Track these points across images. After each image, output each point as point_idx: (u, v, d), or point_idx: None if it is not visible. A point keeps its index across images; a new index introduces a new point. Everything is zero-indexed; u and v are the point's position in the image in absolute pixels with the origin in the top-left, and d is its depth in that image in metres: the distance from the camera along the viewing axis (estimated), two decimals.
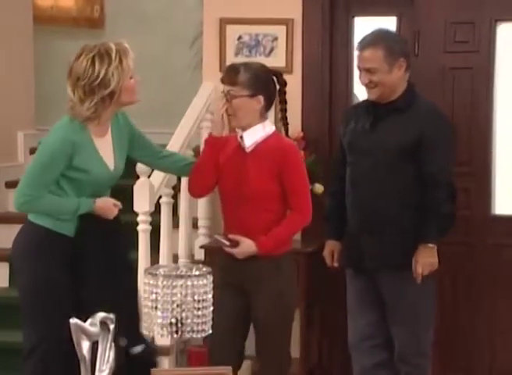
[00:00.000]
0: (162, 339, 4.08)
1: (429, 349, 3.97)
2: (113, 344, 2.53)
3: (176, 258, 4.63)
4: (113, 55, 3.46)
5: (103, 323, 2.54)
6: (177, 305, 2.67)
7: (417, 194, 3.86)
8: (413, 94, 3.89)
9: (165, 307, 2.67)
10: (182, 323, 2.66)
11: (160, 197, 4.42)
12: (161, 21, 6.77)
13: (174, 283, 2.68)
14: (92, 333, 2.49)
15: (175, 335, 2.66)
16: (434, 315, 3.98)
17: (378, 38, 3.84)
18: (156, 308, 2.69)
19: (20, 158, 6.01)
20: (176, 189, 4.68)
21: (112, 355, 2.52)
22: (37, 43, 6.27)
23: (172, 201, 4.51)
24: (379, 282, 3.91)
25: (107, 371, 2.50)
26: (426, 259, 3.82)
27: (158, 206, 4.41)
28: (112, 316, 2.57)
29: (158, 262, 4.28)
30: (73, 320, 2.49)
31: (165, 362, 4.33)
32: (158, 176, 4.36)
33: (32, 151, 6.03)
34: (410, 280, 3.84)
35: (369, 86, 3.84)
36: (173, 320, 2.66)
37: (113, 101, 3.50)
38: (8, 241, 5.39)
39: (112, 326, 2.55)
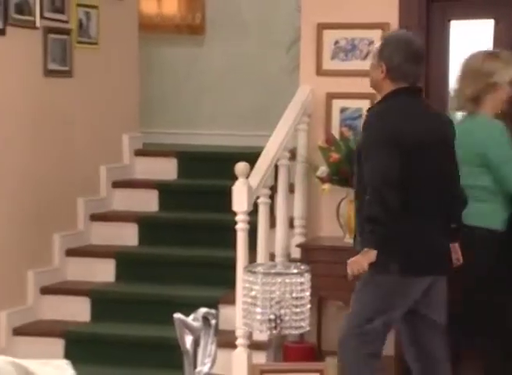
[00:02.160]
0: (260, 335, 4.13)
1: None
2: (215, 339, 2.54)
3: (272, 257, 4.63)
4: (503, 58, 4.13)
5: (205, 319, 2.55)
6: (276, 302, 2.66)
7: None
8: (385, 100, 3.72)
9: (265, 304, 2.66)
10: (281, 320, 2.65)
11: (258, 197, 4.42)
12: (259, 27, 6.79)
13: (273, 281, 2.67)
14: (195, 328, 2.50)
15: (274, 331, 2.64)
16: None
17: (389, 36, 3.89)
18: (255, 304, 2.68)
19: (125, 159, 6.09)
20: (273, 190, 4.68)
21: (213, 349, 2.52)
22: (142, 50, 6.36)
23: (269, 201, 4.51)
24: None
25: (209, 364, 2.50)
26: (354, 263, 3.66)
27: (255, 206, 4.42)
28: (213, 311, 2.57)
29: (255, 261, 4.28)
30: (177, 315, 2.50)
31: (262, 357, 4.34)
32: (256, 177, 4.37)
33: (136, 152, 6.14)
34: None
35: None
36: (272, 316, 2.65)
37: (490, 92, 4.09)
38: (116, 238, 5.55)
39: (213, 322, 2.55)
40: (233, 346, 4.27)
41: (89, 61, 5.63)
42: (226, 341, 4.21)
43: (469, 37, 4.84)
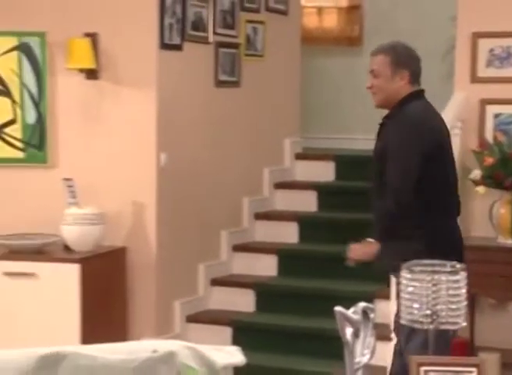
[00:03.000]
0: None
1: None
2: (373, 332, 2.52)
3: None
4: None
5: (364, 312, 2.54)
6: (432, 299, 2.62)
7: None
8: (404, 103, 3.57)
9: (421, 300, 2.63)
10: (437, 315, 2.61)
11: None
12: (415, 37, 6.66)
13: (429, 278, 2.63)
14: (355, 321, 2.49)
15: (430, 326, 2.61)
16: None
17: (390, 46, 3.68)
18: (412, 300, 2.66)
19: (286, 162, 6.15)
20: None
21: (372, 341, 2.51)
22: (304, 60, 6.40)
23: None
24: None
25: (368, 356, 2.49)
26: (355, 250, 3.68)
27: None
28: (371, 306, 2.56)
29: None
30: (338, 308, 2.50)
31: None
32: None
33: (297, 156, 6.18)
34: None
35: (372, 90, 3.65)
36: (428, 312, 2.61)
37: None
38: (277, 235, 5.61)
39: (372, 315, 2.53)
40: (388, 339, 4.23)
41: (255, 72, 5.72)
42: (381, 333, 4.17)
43: None
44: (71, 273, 4.54)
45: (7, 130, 5.02)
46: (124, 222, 4.92)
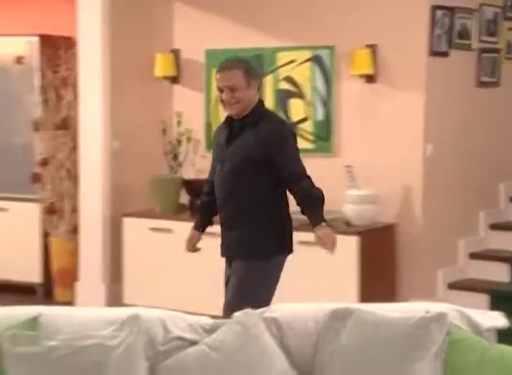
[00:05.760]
0: None
1: None
2: None
3: None
4: None
5: None
6: None
7: (272, 194, 3.42)
8: (261, 111, 3.48)
9: None
10: None
11: None
12: None
13: None
14: None
15: None
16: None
17: (238, 62, 3.50)
18: None
19: (501, 205, 5.56)
20: None
21: None
22: None
23: None
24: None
25: None
26: (328, 236, 3.39)
27: None
28: None
29: None
30: None
31: None
32: None
33: (511, 199, 5.64)
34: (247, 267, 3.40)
35: (231, 102, 3.43)
36: None
37: None
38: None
39: None
40: None
41: None
42: None
43: None
44: (351, 244, 4.63)
45: (301, 125, 5.22)
46: (394, 202, 4.92)
